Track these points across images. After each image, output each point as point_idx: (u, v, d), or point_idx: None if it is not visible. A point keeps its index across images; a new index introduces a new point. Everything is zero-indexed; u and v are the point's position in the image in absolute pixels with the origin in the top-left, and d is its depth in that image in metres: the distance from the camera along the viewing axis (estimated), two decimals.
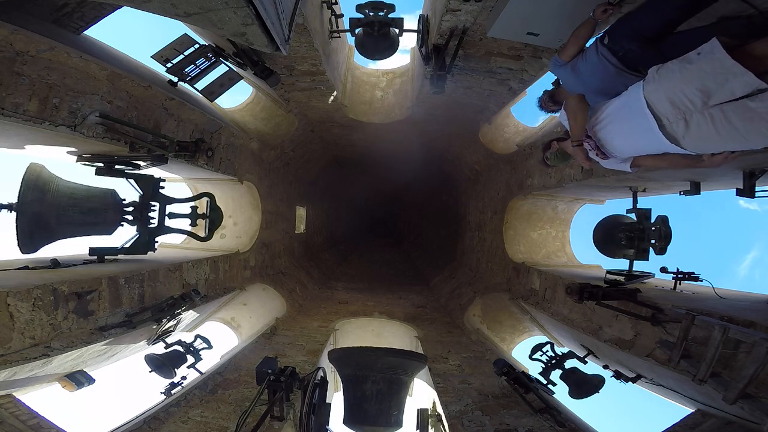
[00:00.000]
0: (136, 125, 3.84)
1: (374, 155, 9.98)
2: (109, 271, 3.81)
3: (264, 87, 5.55)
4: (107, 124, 3.50)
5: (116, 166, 4.12)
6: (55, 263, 3.69)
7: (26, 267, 3.45)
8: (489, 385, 4.63)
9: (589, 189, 5.31)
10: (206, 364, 4.89)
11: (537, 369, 4.93)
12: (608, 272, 4.71)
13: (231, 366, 4.90)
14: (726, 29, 2.01)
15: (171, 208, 4.97)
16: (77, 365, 3.55)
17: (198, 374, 4.68)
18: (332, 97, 6.26)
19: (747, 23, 1.99)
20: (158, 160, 4.17)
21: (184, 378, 4.43)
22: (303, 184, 9.72)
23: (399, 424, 3.53)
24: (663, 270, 3.92)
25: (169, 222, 4.97)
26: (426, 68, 4.76)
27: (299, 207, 9.52)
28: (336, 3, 4.94)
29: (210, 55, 4.18)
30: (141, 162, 4.23)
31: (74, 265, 3.85)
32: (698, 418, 3.38)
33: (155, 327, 4.27)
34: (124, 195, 4.53)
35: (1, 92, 2.74)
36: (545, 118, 6.29)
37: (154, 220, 4.76)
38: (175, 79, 4.06)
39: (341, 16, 5.14)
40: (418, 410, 4.23)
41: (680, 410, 3.66)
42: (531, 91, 5.44)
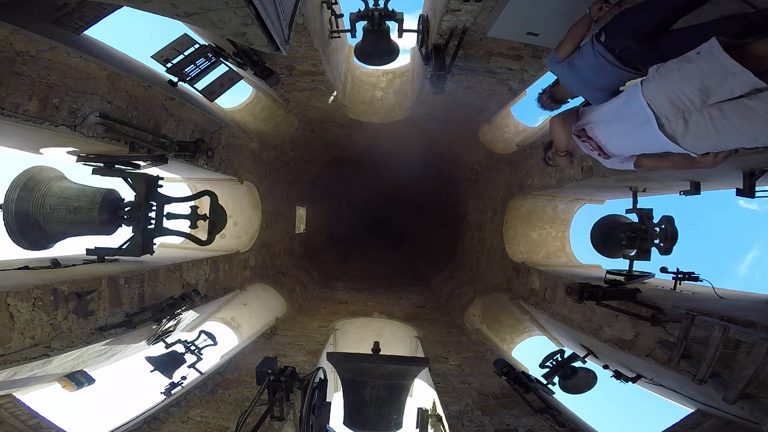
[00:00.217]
0: (136, 125, 3.84)
1: (374, 155, 9.98)
2: (109, 271, 3.81)
3: (264, 87, 5.55)
4: (107, 124, 3.50)
5: (116, 166, 4.12)
6: (55, 263, 3.69)
7: (26, 267, 3.45)
8: (489, 385, 4.63)
9: (589, 189, 5.30)
10: (206, 364, 4.89)
11: (537, 369, 4.93)
12: (608, 272, 4.70)
13: (231, 366, 4.90)
14: (724, 28, 2.01)
15: (170, 208, 4.69)
16: (77, 365, 3.55)
17: (198, 374, 4.68)
18: (332, 97, 6.26)
19: (745, 22, 1.98)
20: (158, 160, 4.16)
21: (184, 378, 4.43)
22: (303, 184, 9.72)
23: (399, 426, 3.52)
24: (663, 270, 3.92)
25: (168, 223, 4.68)
26: (426, 68, 4.76)
27: (299, 207, 9.52)
28: (336, 3, 4.94)
29: (210, 55, 4.19)
30: (141, 162, 4.23)
31: (74, 265, 3.85)
32: (698, 418, 3.38)
33: (155, 327, 4.27)
34: (127, 195, 4.48)
35: (1, 92, 2.74)
36: (545, 118, 6.29)
37: (154, 221, 4.56)
38: (175, 79, 4.06)
39: (341, 16, 5.13)
40: (419, 409, 4.23)
41: (680, 410, 3.66)
42: (531, 91, 5.44)
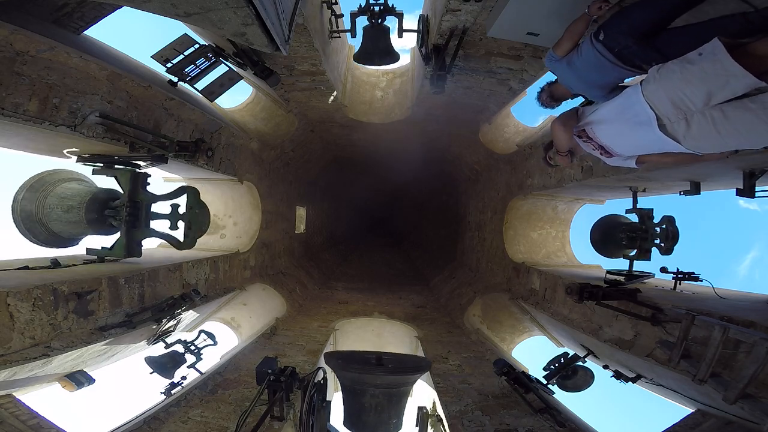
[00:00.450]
0: (136, 125, 3.84)
1: (374, 155, 9.98)
2: (109, 271, 3.81)
3: (264, 87, 5.55)
4: (107, 124, 3.50)
5: (116, 166, 4.12)
6: (55, 263, 3.68)
7: (26, 267, 3.45)
8: (489, 385, 4.63)
9: (589, 189, 5.30)
10: (206, 364, 4.89)
11: (539, 370, 4.92)
12: (608, 272, 4.70)
13: (231, 366, 4.90)
14: (722, 27, 2.01)
15: (156, 208, 4.35)
16: (77, 365, 3.55)
17: (198, 374, 4.68)
18: (332, 97, 6.26)
19: (743, 21, 1.98)
20: (158, 160, 4.16)
21: (184, 378, 4.43)
22: (303, 184, 9.72)
23: (398, 428, 3.51)
24: (663, 270, 3.92)
25: (155, 224, 4.35)
26: (426, 68, 4.76)
27: (299, 207, 9.52)
28: (336, 3, 4.94)
29: (210, 55, 4.18)
30: (141, 162, 4.23)
31: (74, 265, 3.85)
32: (698, 418, 3.38)
33: (155, 327, 4.26)
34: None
35: (1, 92, 2.74)
36: (545, 118, 6.30)
37: (138, 222, 4.18)
38: (175, 79, 4.06)
39: (341, 16, 5.14)
40: (419, 408, 4.23)
41: (680, 410, 3.66)
42: (531, 91, 5.42)
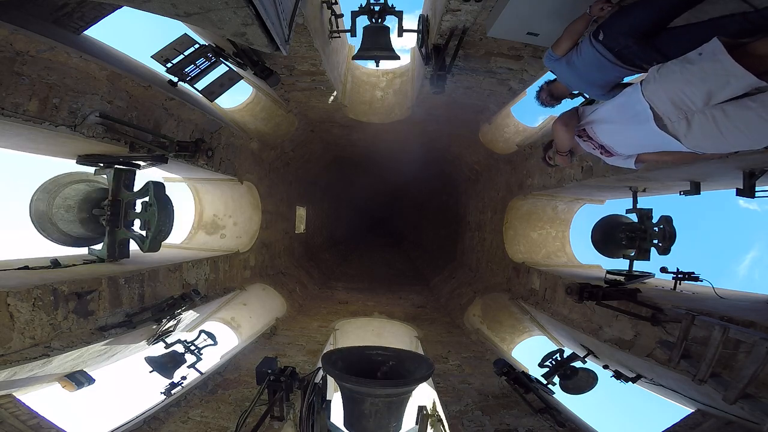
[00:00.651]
0: (136, 125, 3.84)
1: (374, 155, 9.98)
2: (109, 271, 3.81)
3: (264, 87, 5.55)
4: (107, 124, 3.50)
5: (116, 166, 4.12)
6: (56, 263, 3.69)
7: (26, 267, 3.45)
8: (489, 385, 4.63)
9: (589, 189, 5.30)
10: (206, 364, 4.89)
11: (537, 369, 4.92)
12: (608, 272, 4.70)
13: (231, 366, 4.90)
14: (722, 27, 2.01)
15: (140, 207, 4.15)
16: (77, 365, 3.55)
17: (198, 374, 4.68)
18: (332, 97, 6.26)
19: (743, 21, 1.98)
20: (158, 160, 4.16)
21: (184, 378, 4.43)
22: (303, 184, 9.72)
23: (398, 430, 3.51)
24: (663, 270, 3.92)
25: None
26: (426, 68, 4.76)
27: (299, 207, 9.52)
28: (336, 3, 4.94)
29: (210, 55, 4.19)
30: (141, 162, 4.23)
31: (74, 265, 3.85)
32: (698, 418, 3.38)
33: (155, 327, 4.27)
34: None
35: (1, 92, 2.74)
36: (545, 118, 6.30)
37: (121, 222, 4.06)
38: (175, 79, 4.07)
39: (341, 16, 5.14)
40: (419, 408, 4.22)
41: (680, 410, 3.66)
42: (531, 91, 5.42)
